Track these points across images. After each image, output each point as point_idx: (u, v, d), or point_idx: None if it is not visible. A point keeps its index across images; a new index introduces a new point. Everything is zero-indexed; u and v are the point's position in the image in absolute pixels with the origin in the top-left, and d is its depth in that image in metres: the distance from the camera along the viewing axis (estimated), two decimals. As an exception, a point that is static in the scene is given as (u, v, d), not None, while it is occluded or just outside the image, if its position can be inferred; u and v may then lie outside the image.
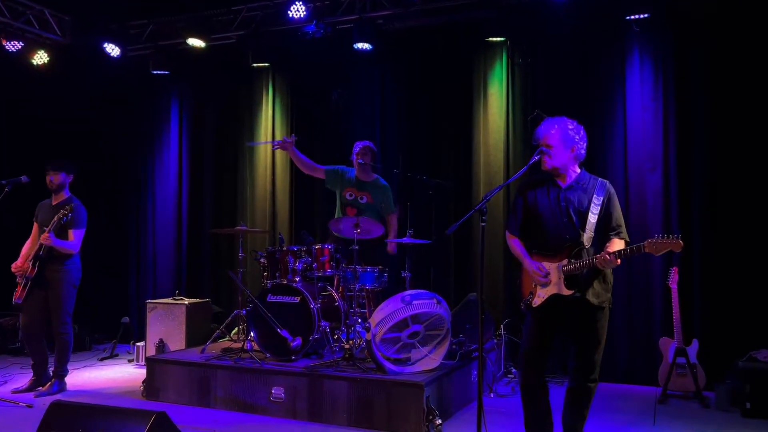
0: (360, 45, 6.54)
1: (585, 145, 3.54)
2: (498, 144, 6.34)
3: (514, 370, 5.87)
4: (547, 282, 3.46)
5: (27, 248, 5.46)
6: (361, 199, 5.78)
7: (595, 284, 3.43)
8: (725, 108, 5.53)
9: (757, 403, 4.68)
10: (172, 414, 4.62)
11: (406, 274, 5.28)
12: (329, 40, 6.73)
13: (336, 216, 5.83)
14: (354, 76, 6.97)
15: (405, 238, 5.25)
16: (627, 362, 5.80)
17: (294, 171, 7.28)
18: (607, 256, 3.25)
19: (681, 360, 5.11)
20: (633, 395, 5.42)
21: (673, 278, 5.18)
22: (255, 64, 7.17)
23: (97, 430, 3.05)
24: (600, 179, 3.55)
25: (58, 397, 5.12)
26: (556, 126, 3.50)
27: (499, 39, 6.27)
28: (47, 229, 5.14)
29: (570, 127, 3.50)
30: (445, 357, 4.76)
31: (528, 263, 3.54)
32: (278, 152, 7.31)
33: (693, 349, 5.12)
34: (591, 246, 3.40)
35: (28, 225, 5.58)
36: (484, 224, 3.26)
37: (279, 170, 7.34)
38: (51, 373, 5.41)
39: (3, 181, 5.14)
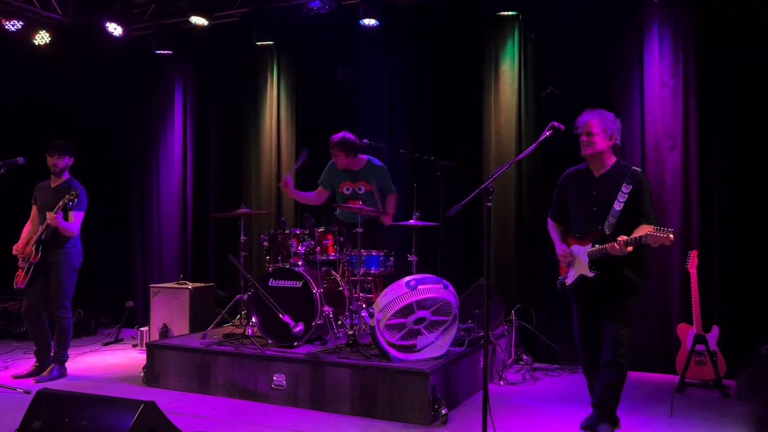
0: (366, 21, 6.32)
1: (620, 135, 3.84)
2: (510, 123, 6.11)
3: (525, 357, 5.69)
4: (566, 260, 3.87)
5: (27, 231, 5.36)
6: (359, 189, 5.58)
7: (624, 267, 3.67)
8: (748, 84, 5.25)
9: (780, 392, 4.46)
10: (171, 400, 4.55)
11: (412, 257, 5.09)
12: (335, 16, 6.52)
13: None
14: (360, 53, 6.74)
15: (411, 221, 5.06)
16: (644, 349, 5.57)
17: (299, 154, 7.11)
18: (615, 244, 3.54)
19: (700, 347, 4.89)
20: (650, 383, 5.22)
21: (692, 262, 4.96)
22: (259, 43, 6.98)
23: (84, 420, 2.92)
24: (633, 168, 3.79)
25: (54, 383, 5.03)
26: (597, 116, 3.79)
27: (510, 13, 6.02)
28: (54, 210, 5.03)
29: (610, 117, 3.81)
30: (452, 344, 4.58)
31: (557, 247, 3.97)
32: (283, 132, 7.16)
33: (713, 335, 4.90)
34: (613, 232, 3.64)
35: (26, 207, 5.47)
36: (490, 204, 3.07)
37: (284, 152, 7.16)
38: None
39: (-1, 162, 5.01)
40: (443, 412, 4.08)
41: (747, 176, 5.27)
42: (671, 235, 3.35)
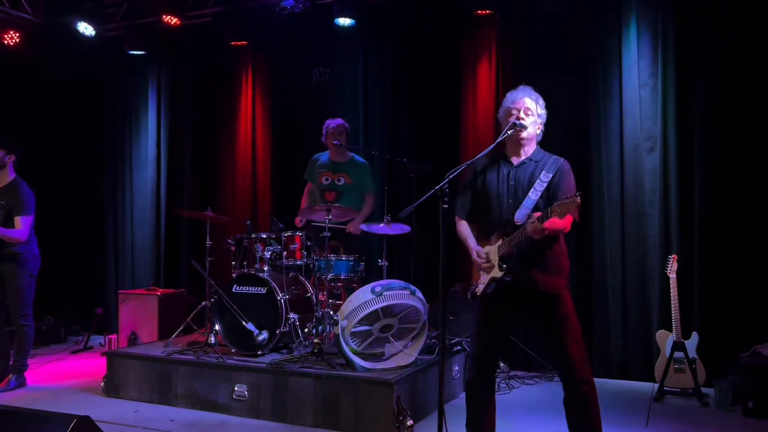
0: (341, 20, 6.18)
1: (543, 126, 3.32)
2: (488, 123, 5.94)
3: (502, 365, 5.52)
4: (486, 265, 3.17)
5: None
6: (338, 180, 5.46)
7: (537, 267, 3.12)
8: (729, 84, 5.10)
9: (760, 401, 4.31)
10: (130, 412, 4.38)
11: (383, 263, 4.93)
12: (309, 15, 6.38)
13: (312, 204, 5.53)
14: (336, 53, 6.61)
15: (381, 225, 4.90)
16: (622, 356, 5.43)
17: (275, 157, 6.98)
18: (528, 225, 2.96)
19: (679, 354, 4.74)
20: (628, 391, 5.07)
21: (672, 267, 4.81)
22: (233, 43, 6.82)
23: (13, 436, 2.74)
24: (555, 156, 3.23)
25: (11, 393, 4.86)
26: (534, 95, 3.26)
27: (487, 12, 5.87)
28: None
29: (542, 103, 3.27)
30: (421, 352, 4.42)
31: (470, 246, 3.28)
32: (259, 133, 7.03)
33: (692, 342, 4.75)
34: (526, 222, 3.03)
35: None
36: (446, 206, 2.90)
37: (260, 155, 7.02)
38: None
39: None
40: (408, 423, 3.91)
41: (728, 179, 5.11)
42: (578, 198, 2.78)
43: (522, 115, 3.18)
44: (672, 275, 4.80)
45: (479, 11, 5.89)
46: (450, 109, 6.16)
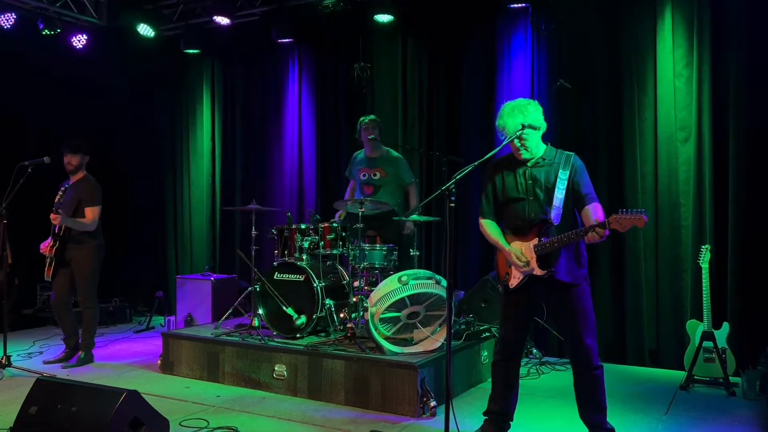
0: (380, 17, 6.40)
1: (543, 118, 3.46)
2: (522, 116, 6.06)
3: (534, 351, 5.69)
4: (527, 269, 3.36)
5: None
6: (374, 175, 5.71)
7: (566, 261, 3.34)
8: (764, 74, 5.06)
9: (785, 392, 4.35)
10: (182, 388, 4.81)
11: (414, 252, 5.17)
12: (350, 12, 6.62)
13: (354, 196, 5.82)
14: (375, 48, 6.84)
15: (414, 215, 5.13)
16: (654, 345, 5.51)
17: (320, 151, 7.28)
18: (596, 233, 3.13)
19: (708, 344, 4.80)
20: (657, 380, 5.15)
21: (705, 257, 4.85)
22: (279, 40, 7.15)
23: (74, 406, 3.16)
24: (566, 153, 3.44)
25: (79, 369, 5.38)
26: (522, 113, 3.40)
27: (521, 5, 5.96)
28: (53, 210, 5.31)
29: (532, 108, 3.43)
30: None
31: (507, 251, 3.43)
32: (305, 127, 7.35)
33: (722, 332, 4.80)
34: (560, 222, 3.31)
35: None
36: (452, 204, 3.11)
37: (306, 149, 7.34)
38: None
39: (26, 163, 5.32)
40: (432, 404, 4.17)
41: (762, 170, 5.09)
42: (644, 216, 2.98)
43: (517, 143, 3.39)
44: (704, 265, 4.83)
45: (513, 4, 5.98)
46: (485, 101, 6.28)
